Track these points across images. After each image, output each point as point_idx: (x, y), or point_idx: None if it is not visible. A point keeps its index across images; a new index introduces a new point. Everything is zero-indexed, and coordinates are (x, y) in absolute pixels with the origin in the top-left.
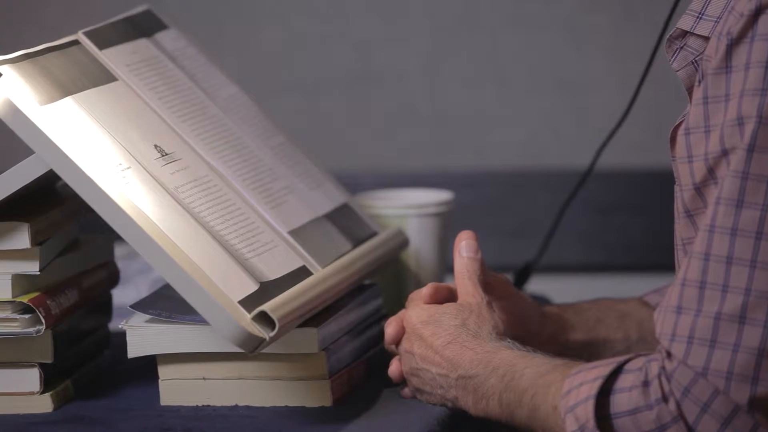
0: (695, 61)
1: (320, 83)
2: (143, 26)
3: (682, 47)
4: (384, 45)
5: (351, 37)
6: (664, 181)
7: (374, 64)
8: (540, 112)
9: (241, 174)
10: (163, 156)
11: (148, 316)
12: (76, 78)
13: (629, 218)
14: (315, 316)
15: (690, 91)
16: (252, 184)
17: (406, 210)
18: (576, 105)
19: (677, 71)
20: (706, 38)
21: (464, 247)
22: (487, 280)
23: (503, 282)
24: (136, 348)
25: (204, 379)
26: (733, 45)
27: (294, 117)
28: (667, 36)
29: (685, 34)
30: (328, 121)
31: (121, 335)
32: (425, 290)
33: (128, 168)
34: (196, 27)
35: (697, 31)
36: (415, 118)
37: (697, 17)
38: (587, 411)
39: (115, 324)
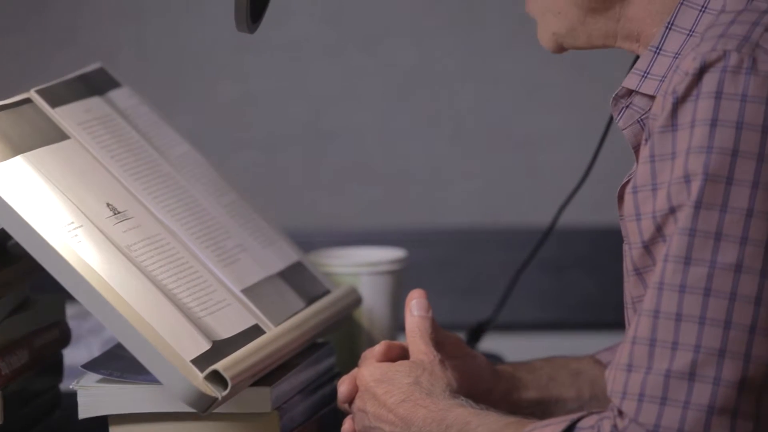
0: (641, 119)
1: (274, 140)
2: (96, 84)
3: (627, 106)
4: (338, 102)
5: (306, 93)
6: (618, 239)
7: (329, 121)
8: (494, 169)
9: (194, 232)
10: (115, 214)
11: (99, 376)
12: (28, 136)
13: (584, 276)
14: (268, 374)
15: (636, 149)
16: (204, 242)
17: (359, 268)
18: (530, 162)
19: (623, 129)
20: (652, 97)
21: (415, 306)
22: (439, 339)
23: (455, 340)
24: (87, 409)
25: None
26: (678, 103)
27: (248, 174)
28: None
29: (630, 92)
30: (282, 178)
31: (73, 396)
32: (378, 348)
33: (80, 227)
34: (151, 84)
35: (642, 90)
36: (369, 176)
37: (643, 76)
38: None
39: (67, 384)
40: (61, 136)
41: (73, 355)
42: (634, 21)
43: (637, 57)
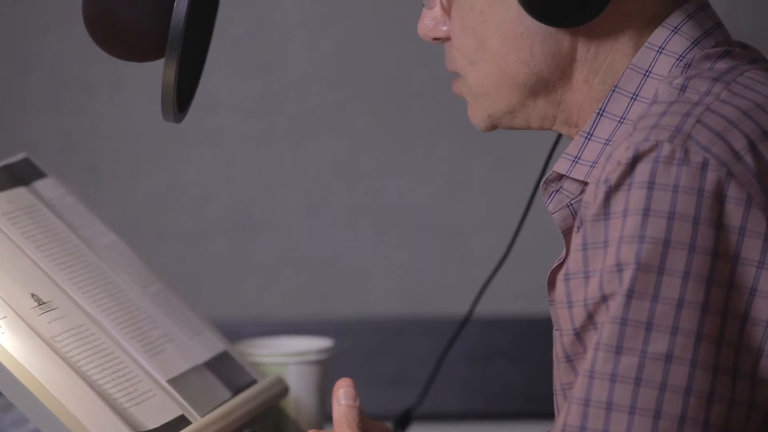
0: (571, 203)
1: (200, 230)
2: (21, 175)
3: (558, 190)
4: (265, 192)
5: (232, 184)
6: (542, 328)
7: (255, 212)
8: (419, 259)
9: (120, 322)
10: (40, 305)
11: None
12: None
13: (508, 365)
14: None
15: (565, 233)
16: (130, 333)
17: (286, 358)
18: (455, 251)
19: (553, 213)
20: (582, 182)
21: (342, 395)
22: (367, 428)
23: (383, 429)
24: None
25: None
26: (611, 192)
27: (174, 263)
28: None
29: (561, 177)
30: (208, 267)
31: None
32: None
33: (3, 318)
34: (75, 175)
35: (572, 175)
36: (295, 266)
37: (573, 161)
38: None
39: None
40: None
41: None
42: (574, 106)
43: (559, 137)
